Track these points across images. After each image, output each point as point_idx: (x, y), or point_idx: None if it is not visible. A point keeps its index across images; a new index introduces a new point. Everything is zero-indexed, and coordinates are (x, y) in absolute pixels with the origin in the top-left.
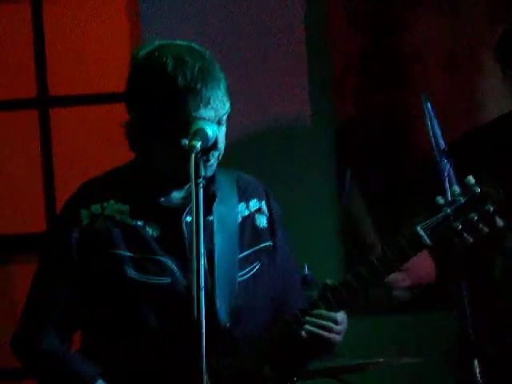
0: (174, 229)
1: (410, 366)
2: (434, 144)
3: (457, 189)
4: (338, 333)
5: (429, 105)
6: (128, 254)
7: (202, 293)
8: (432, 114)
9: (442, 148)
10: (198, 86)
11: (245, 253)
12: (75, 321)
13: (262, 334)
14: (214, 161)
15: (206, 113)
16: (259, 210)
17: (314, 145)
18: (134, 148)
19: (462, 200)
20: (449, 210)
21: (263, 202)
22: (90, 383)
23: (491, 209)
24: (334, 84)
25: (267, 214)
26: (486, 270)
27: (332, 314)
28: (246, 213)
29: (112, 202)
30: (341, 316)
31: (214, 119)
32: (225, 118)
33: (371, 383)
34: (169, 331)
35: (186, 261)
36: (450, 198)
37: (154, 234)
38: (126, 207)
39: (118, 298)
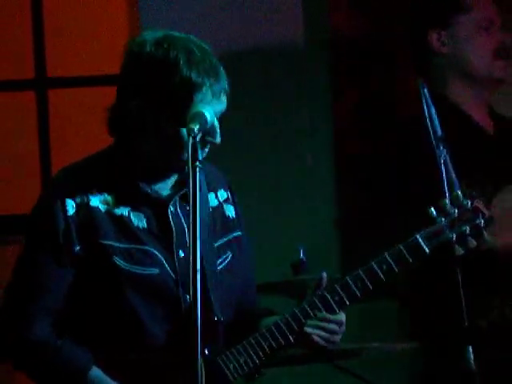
0: (160, 219)
1: (406, 351)
2: (431, 131)
3: (447, 202)
4: (340, 334)
5: (426, 91)
6: (116, 244)
7: (198, 285)
8: (429, 100)
9: (439, 134)
10: (211, 81)
11: (219, 243)
12: (62, 309)
13: (260, 332)
14: (207, 149)
15: (215, 106)
16: (227, 200)
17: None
18: (120, 134)
19: (456, 212)
20: (443, 221)
21: (229, 193)
22: (84, 371)
23: (482, 223)
24: None
25: (233, 204)
26: None
27: (338, 316)
28: (216, 203)
29: (96, 192)
30: (344, 317)
31: (219, 113)
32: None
33: (367, 368)
34: (156, 321)
35: (173, 252)
36: (447, 189)
37: (140, 224)
38: (110, 197)
39: (106, 287)
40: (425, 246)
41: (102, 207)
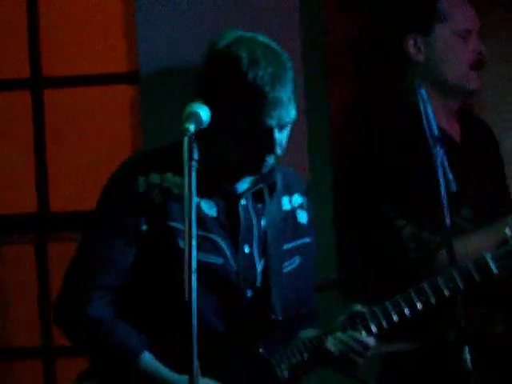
0: (230, 212)
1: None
2: (427, 131)
3: None
4: (363, 357)
5: (423, 91)
6: (182, 227)
7: (194, 276)
8: (426, 100)
9: (435, 135)
10: (266, 90)
11: (287, 246)
12: (120, 289)
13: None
14: (270, 161)
15: (270, 116)
16: (301, 206)
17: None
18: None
19: None
20: None
21: (305, 198)
22: (135, 354)
23: None
24: None
25: (308, 211)
26: None
27: (364, 338)
28: (289, 207)
29: (170, 174)
30: (372, 343)
31: (274, 125)
32: (288, 125)
33: (362, 368)
34: (213, 311)
35: (238, 246)
36: (444, 189)
37: (210, 213)
38: (184, 182)
39: (167, 270)
40: (493, 266)
41: (174, 189)
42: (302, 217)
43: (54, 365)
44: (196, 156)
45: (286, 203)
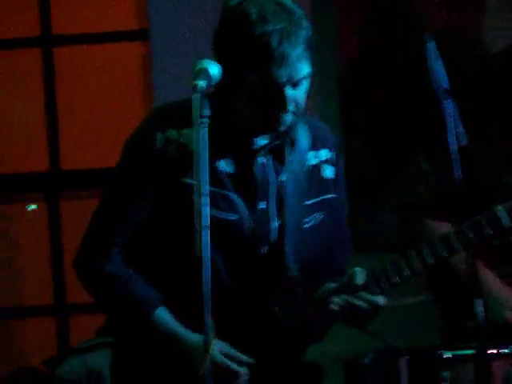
0: (247, 168)
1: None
2: (437, 84)
3: None
4: (371, 315)
5: (432, 44)
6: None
7: (208, 232)
8: (435, 53)
9: (445, 88)
10: (272, 46)
11: (310, 202)
12: (140, 245)
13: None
14: (287, 119)
15: (278, 73)
16: (327, 161)
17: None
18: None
19: None
20: None
21: (333, 153)
22: (151, 309)
23: None
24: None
25: (334, 166)
26: None
27: (374, 298)
28: (315, 162)
29: (188, 130)
30: (381, 301)
31: (285, 80)
32: (304, 82)
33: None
34: (227, 268)
35: (254, 202)
36: (455, 140)
37: (227, 169)
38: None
39: (182, 227)
40: (506, 218)
41: (191, 146)
42: (328, 172)
43: (67, 322)
44: (207, 112)
45: (311, 158)
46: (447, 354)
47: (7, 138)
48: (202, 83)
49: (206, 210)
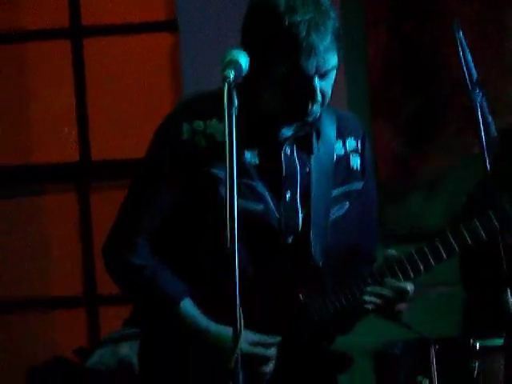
0: (273, 159)
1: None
2: (466, 74)
3: None
4: (402, 303)
5: (461, 34)
6: (224, 175)
7: (235, 223)
8: (464, 43)
9: (474, 78)
10: (301, 37)
11: (337, 192)
12: (166, 236)
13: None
14: (315, 109)
15: (306, 63)
16: (355, 151)
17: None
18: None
19: None
20: None
21: (359, 143)
22: (177, 301)
23: None
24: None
25: (361, 156)
26: None
27: (402, 284)
28: (342, 152)
29: (215, 120)
30: (410, 286)
31: (313, 72)
32: (331, 72)
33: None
34: (253, 259)
35: (280, 192)
36: (483, 132)
37: (253, 160)
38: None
39: (207, 218)
40: None
41: (218, 137)
42: (355, 161)
43: (97, 313)
44: (236, 103)
45: (338, 148)
46: (477, 344)
47: (38, 128)
48: (231, 74)
49: (236, 202)
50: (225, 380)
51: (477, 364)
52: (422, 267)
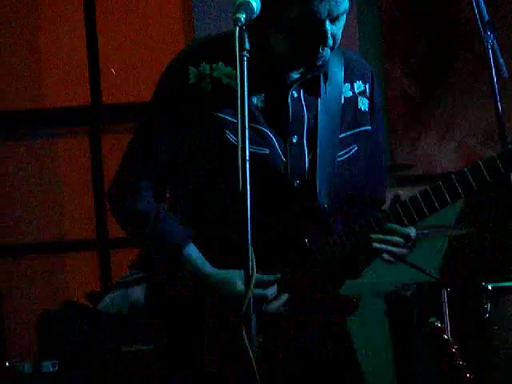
0: (279, 101)
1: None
2: (477, 15)
3: None
4: (406, 248)
5: None
6: (230, 118)
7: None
8: None
9: (486, 19)
10: None
11: (344, 134)
12: (169, 182)
13: (339, 232)
14: (326, 53)
15: (318, 7)
16: (363, 93)
17: None
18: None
19: None
20: None
21: (367, 85)
22: (180, 246)
23: None
24: None
25: (370, 98)
26: None
27: (406, 230)
28: (350, 94)
29: (221, 64)
30: (413, 232)
31: (325, 16)
32: (342, 17)
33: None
34: (260, 204)
35: (286, 135)
36: (494, 73)
37: (259, 103)
38: (235, 72)
39: (213, 162)
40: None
41: (225, 80)
42: (363, 104)
43: (109, 256)
44: (247, 46)
45: (346, 90)
46: (490, 286)
47: (50, 72)
48: (242, 16)
49: (247, 146)
50: (236, 325)
51: (489, 305)
52: (426, 210)
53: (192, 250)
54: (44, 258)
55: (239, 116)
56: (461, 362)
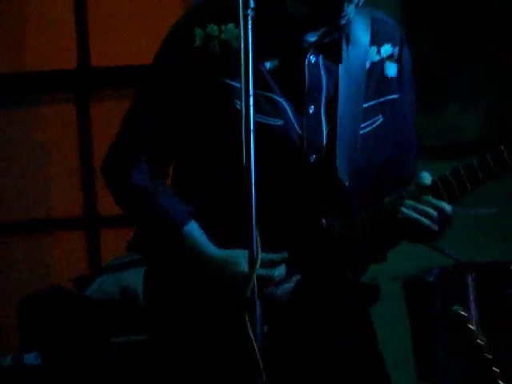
0: (295, 67)
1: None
2: None
3: None
4: (437, 223)
5: None
6: (240, 86)
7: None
8: None
9: None
10: None
11: (368, 104)
12: (170, 155)
13: (366, 207)
14: (350, 11)
15: None
16: (391, 57)
17: None
18: None
19: None
20: None
21: (396, 49)
22: (181, 223)
23: None
24: None
25: (399, 63)
26: None
27: (440, 202)
28: (377, 58)
29: (232, 25)
30: (448, 207)
31: None
32: None
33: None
34: (273, 179)
35: (302, 105)
36: None
37: (273, 69)
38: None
39: (221, 134)
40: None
41: (234, 43)
42: (391, 70)
43: (98, 236)
44: (252, 4)
45: (372, 54)
46: None
47: (33, 32)
48: None
49: (252, 115)
50: (240, 310)
51: None
52: (468, 185)
53: (193, 228)
54: (27, 238)
55: (243, 82)
56: (487, 355)
